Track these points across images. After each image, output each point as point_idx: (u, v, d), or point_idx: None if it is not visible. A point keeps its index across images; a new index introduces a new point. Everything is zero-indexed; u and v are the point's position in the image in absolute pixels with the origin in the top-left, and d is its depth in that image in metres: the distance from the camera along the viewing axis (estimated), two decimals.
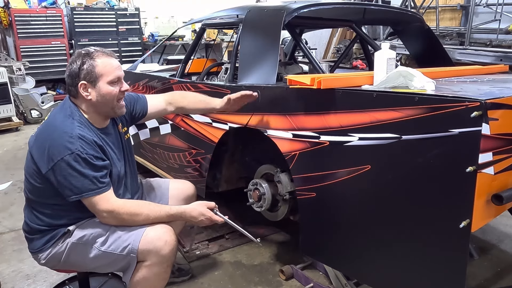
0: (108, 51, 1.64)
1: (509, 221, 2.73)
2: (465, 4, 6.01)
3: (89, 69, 1.56)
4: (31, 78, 6.12)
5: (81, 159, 1.50)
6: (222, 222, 1.73)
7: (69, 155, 1.48)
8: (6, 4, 6.53)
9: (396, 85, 1.55)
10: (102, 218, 1.59)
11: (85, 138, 1.53)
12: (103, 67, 1.58)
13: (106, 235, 1.59)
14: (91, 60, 1.57)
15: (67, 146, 1.49)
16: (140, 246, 1.55)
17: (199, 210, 1.68)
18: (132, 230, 1.59)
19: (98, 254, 1.59)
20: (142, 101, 1.98)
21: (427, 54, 2.87)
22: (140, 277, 1.58)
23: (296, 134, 1.81)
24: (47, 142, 1.52)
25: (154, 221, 1.61)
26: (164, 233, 1.58)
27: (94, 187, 1.52)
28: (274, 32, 2.09)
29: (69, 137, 1.50)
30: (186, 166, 2.63)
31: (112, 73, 1.60)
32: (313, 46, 6.85)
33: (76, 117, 1.59)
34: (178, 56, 5.09)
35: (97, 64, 1.57)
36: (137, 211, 1.59)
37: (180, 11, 8.01)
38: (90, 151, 1.53)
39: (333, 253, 1.82)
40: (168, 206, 1.72)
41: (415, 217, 1.45)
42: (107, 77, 1.59)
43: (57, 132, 1.53)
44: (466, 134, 1.25)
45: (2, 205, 3.21)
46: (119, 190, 1.68)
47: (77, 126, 1.55)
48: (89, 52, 1.59)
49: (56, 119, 1.59)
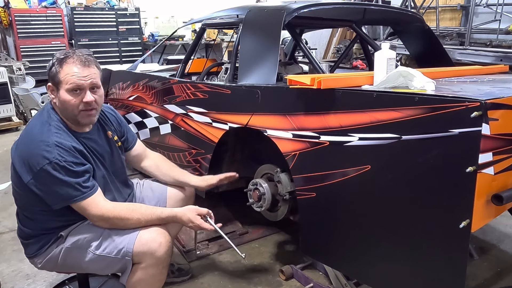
0: (89, 59, 1.56)
1: (509, 221, 2.73)
2: (465, 4, 6.02)
3: (53, 73, 1.54)
4: (31, 78, 6.11)
5: (60, 167, 1.47)
6: (212, 230, 1.72)
7: (47, 164, 1.45)
8: (6, 4, 6.54)
9: (396, 85, 1.55)
10: (94, 222, 1.59)
11: (62, 145, 1.50)
12: (65, 74, 1.52)
13: (100, 238, 1.58)
14: (58, 65, 1.53)
15: (45, 156, 1.46)
16: (134, 249, 1.54)
17: (188, 216, 1.66)
18: (126, 232, 1.58)
19: (93, 257, 1.58)
20: (132, 135, 1.96)
21: (427, 54, 2.87)
22: (137, 279, 1.57)
23: (296, 134, 1.81)
24: (26, 152, 1.50)
25: (145, 225, 1.60)
26: (158, 235, 1.57)
27: (78, 193, 1.50)
28: (274, 32, 2.09)
29: (46, 145, 1.47)
30: (186, 166, 2.63)
31: (70, 81, 1.52)
32: (313, 46, 6.85)
33: (54, 122, 1.55)
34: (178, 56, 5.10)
35: (60, 70, 1.52)
36: (127, 216, 1.58)
37: (180, 11, 8.01)
38: (69, 158, 1.50)
39: (333, 253, 1.82)
40: (160, 209, 1.69)
41: (415, 217, 1.45)
42: (65, 85, 1.52)
43: (34, 141, 1.50)
44: (466, 134, 1.25)
45: (2, 205, 3.21)
46: (109, 193, 1.67)
47: (54, 133, 1.52)
48: (65, 57, 1.54)
49: (33, 126, 1.56)
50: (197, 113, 2.46)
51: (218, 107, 2.29)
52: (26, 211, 1.63)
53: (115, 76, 3.65)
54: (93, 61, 1.58)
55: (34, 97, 5.95)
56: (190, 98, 2.51)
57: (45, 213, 1.58)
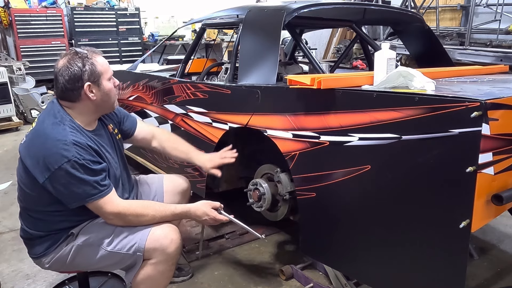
0: (93, 48, 1.63)
1: (509, 221, 2.73)
2: (465, 4, 6.01)
3: (92, 68, 1.55)
4: (31, 78, 6.12)
5: (79, 165, 1.47)
6: (227, 221, 1.74)
7: (66, 163, 1.45)
8: (6, 4, 6.54)
9: (396, 85, 1.55)
10: (108, 220, 1.59)
11: (80, 144, 1.49)
12: (101, 65, 1.59)
13: (112, 235, 1.59)
14: (91, 60, 1.55)
15: (63, 154, 1.45)
16: (146, 245, 1.55)
17: (203, 209, 1.69)
18: (138, 229, 1.59)
19: (104, 254, 1.59)
20: (132, 120, 1.97)
21: (427, 54, 2.86)
22: (145, 275, 1.58)
23: (296, 134, 1.81)
24: (41, 152, 1.47)
25: (159, 221, 1.61)
26: (170, 231, 1.59)
27: (96, 191, 1.51)
28: (274, 32, 2.09)
29: (64, 144, 1.46)
30: (186, 166, 2.63)
31: (108, 69, 1.62)
32: (313, 46, 6.86)
33: (67, 122, 1.54)
34: (178, 56, 5.10)
35: (96, 64, 1.56)
36: (143, 212, 1.59)
37: (180, 11, 8.02)
38: (87, 157, 1.50)
39: (333, 253, 1.82)
40: (173, 205, 1.72)
41: (415, 217, 1.45)
42: (106, 74, 1.60)
43: (50, 140, 1.48)
44: (466, 134, 1.25)
45: (2, 205, 3.21)
46: (117, 190, 1.67)
47: (69, 132, 1.51)
48: (82, 53, 1.55)
49: (46, 126, 1.53)
50: (197, 113, 2.46)
51: (218, 107, 2.29)
52: (35, 212, 1.61)
53: (115, 76, 3.64)
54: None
55: (34, 97, 5.95)
56: (190, 98, 2.51)
57: (56, 214, 1.58)
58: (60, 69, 1.54)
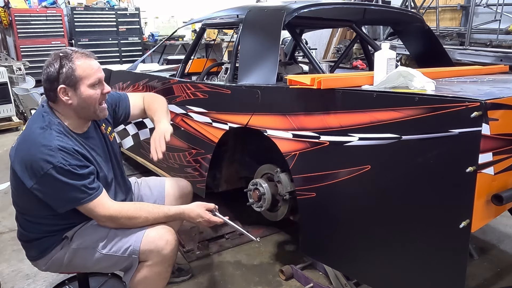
0: (87, 51, 1.56)
1: (509, 221, 2.73)
2: (465, 4, 6.01)
3: (69, 72, 1.49)
4: (31, 78, 6.12)
5: (65, 171, 1.45)
6: (221, 223, 1.73)
7: (52, 169, 1.43)
8: (6, 4, 6.54)
9: (396, 85, 1.55)
10: (101, 223, 1.58)
11: (65, 149, 1.47)
12: (83, 70, 1.51)
13: (107, 238, 1.58)
14: (70, 63, 1.49)
15: (48, 160, 1.43)
16: (141, 247, 1.55)
17: (197, 211, 1.67)
18: (132, 231, 1.58)
19: (100, 257, 1.58)
20: (124, 101, 1.94)
21: (427, 54, 2.86)
22: (142, 277, 1.57)
23: (296, 134, 1.81)
24: (27, 157, 1.47)
25: (153, 223, 1.61)
26: (165, 233, 1.58)
27: (85, 195, 1.50)
28: (274, 32, 2.09)
29: (49, 150, 1.44)
30: (186, 166, 2.63)
31: (92, 75, 1.53)
32: (313, 46, 6.85)
33: (54, 126, 1.51)
34: (178, 56, 5.10)
35: (76, 67, 1.49)
36: (135, 214, 1.58)
37: (180, 11, 8.02)
38: (73, 162, 1.47)
39: (333, 253, 1.82)
40: (166, 206, 1.71)
41: (415, 217, 1.45)
42: (87, 80, 1.52)
43: (36, 146, 1.46)
44: (466, 134, 1.25)
45: (2, 205, 3.21)
46: (110, 193, 1.66)
47: (56, 137, 1.48)
48: (67, 53, 1.51)
49: (33, 131, 1.51)
50: (197, 113, 2.46)
51: (218, 107, 2.29)
52: (28, 215, 1.61)
53: (115, 76, 3.66)
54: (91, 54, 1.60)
55: (34, 97, 5.95)
56: (190, 98, 2.51)
57: (48, 217, 1.57)
58: (44, 67, 1.53)
